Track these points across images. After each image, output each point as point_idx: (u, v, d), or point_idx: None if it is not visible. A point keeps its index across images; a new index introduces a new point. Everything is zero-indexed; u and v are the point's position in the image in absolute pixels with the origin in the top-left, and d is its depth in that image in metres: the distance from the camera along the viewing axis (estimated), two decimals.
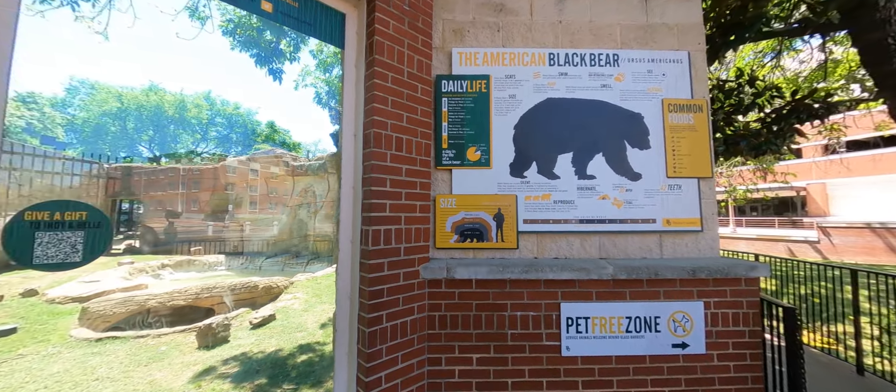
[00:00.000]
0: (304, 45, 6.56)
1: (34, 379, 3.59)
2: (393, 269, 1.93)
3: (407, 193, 2.04)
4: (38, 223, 1.22)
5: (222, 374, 3.69)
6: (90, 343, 4.59)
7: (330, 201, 14.78)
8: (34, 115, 26.57)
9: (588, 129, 2.36)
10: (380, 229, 1.88)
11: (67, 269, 1.29)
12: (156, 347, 4.46)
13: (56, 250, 1.26)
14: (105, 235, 1.38)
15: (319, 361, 3.96)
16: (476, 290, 2.10)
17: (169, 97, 38.46)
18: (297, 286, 7.93)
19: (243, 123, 42.23)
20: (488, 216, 2.26)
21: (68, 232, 1.27)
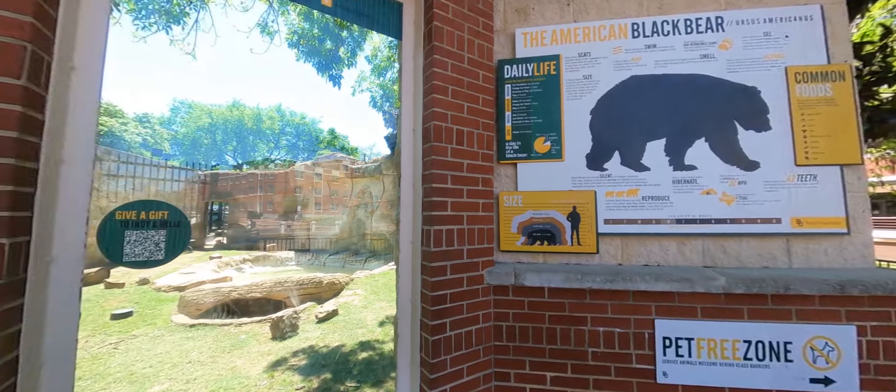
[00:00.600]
0: (361, 50, 6.78)
1: (143, 358, 4.16)
2: (456, 273, 1.77)
3: (469, 191, 1.86)
4: (127, 222, 1.29)
5: (292, 366, 3.89)
6: (186, 328, 5.23)
7: (385, 202, 15.31)
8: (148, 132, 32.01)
9: (685, 109, 1.96)
10: (441, 229, 1.73)
11: (152, 266, 1.35)
12: (237, 336, 4.91)
13: (142, 248, 1.32)
14: (184, 234, 1.43)
15: (379, 360, 3.99)
16: (549, 300, 1.85)
17: (248, 111, 43.56)
18: (356, 283, 8.27)
19: (308, 131, 46.15)
20: (561, 216, 1.99)
21: (152, 231, 1.33)
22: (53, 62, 1.11)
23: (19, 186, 0.98)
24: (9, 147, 0.95)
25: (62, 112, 1.15)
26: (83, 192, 1.18)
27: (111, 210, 1.26)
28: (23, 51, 0.98)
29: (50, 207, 1.11)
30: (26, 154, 1.01)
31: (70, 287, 1.14)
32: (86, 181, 1.19)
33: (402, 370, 1.81)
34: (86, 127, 1.21)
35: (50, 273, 1.12)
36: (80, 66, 1.22)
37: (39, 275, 1.08)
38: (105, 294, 7.27)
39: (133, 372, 3.81)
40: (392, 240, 14.53)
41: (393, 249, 14.80)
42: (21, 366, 1.01)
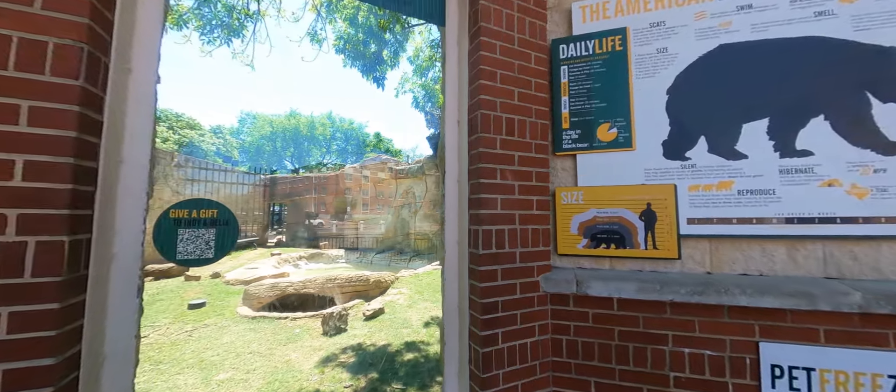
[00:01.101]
0: (403, 51, 6.84)
1: (212, 346, 4.54)
2: (508, 279, 1.58)
3: (520, 187, 1.66)
4: (179, 220, 1.31)
5: (342, 362, 3.96)
6: (248, 320, 5.65)
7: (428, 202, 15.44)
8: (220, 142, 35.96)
9: (795, 81, 1.57)
10: (491, 230, 1.56)
11: (202, 264, 1.36)
12: (292, 329, 5.17)
13: (193, 247, 1.34)
14: (232, 233, 1.43)
15: (424, 363, 3.91)
16: (618, 313, 1.58)
17: (303, 119, 47.01)
18: (401, 282, 8.37)
19: (356, 136, 48.55)
20: (632, 214, 1.71)
21: (202, 229, 1.34)
22: (110, 64, 1.14)
23: (79, 185, 1.00)
24: (68, 147, 0.97)
25: (120, 113, 1.19)
26: (141, 190, 1.21)
27: (165, 209, 1.29)
28: (80, 52, 1.00)
29: (110, 206, 1.15)
30: (86, 153, 1.03)
31: (129, 283, 1.17)
32: (143, 180, 1.22)
33: (449, 382, 1.66)
34: (143, 127, 1.24)
35: (111, 269, 1.16)
36: (137, 68, 1.25)
37: (101, 271, 1.12)
38: (184, 286, 8.16)
39: (203, 358, 4.16)
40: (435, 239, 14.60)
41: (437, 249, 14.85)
42: (83, 360, 1.05)
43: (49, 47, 0.96)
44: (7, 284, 0.89)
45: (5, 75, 0.92)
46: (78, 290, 1.01)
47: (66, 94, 0.96)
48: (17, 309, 0.90)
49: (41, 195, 0.93)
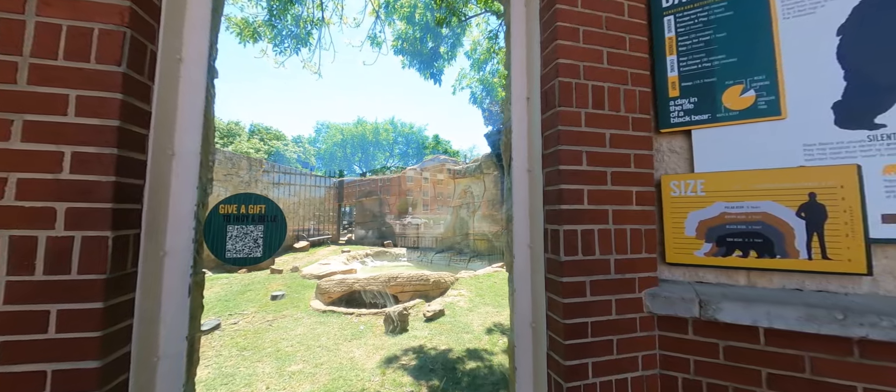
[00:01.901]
0: (460, 46, 6.64)
1: (287, 337, 4.86)
2: (600, 294, 1.22)
3: (614, 174, 1.28)
4: (228, 216, 1.24)
5: (403, 365, 3.88)
6: (319, 314, 5.98)
7: (486, 201, 15.07)
8: (300, 150, 40.32)
9: None
10: (575, 230, 1.21)
11: (251, 264, 1.28)
12: (357, 326, 5.31)
13: (242, 244, 1.26)
14: (280, 230, 1.33)
15: (488, 375, 3.62)
16: (768, 350, 1.12)
17: (369, 126, 50.26)
18: (461, 283, 8.18)
19: (416, 139, 50.30)
20: (784, 210, 1.21)
21: (251, 226, 1.25)
22: (158, 51, 1.10)
23: (124, 177, 0.95)
24: (111, 136, 0.93)
25: (170, 104, 1.15)
26: (192, 185, 1.15)
27: (215, 204, 1.23)
28: (122, 37, 0.96)
29: (161, 200, 1.11)
30: (132, 145, 0.99)
31: (181, 282, 1.12)
32: (194, 174, 1.16)
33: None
34: (194, 120, 1.19)
35: (164, 267, 1.12)
36: (188, 59, 1.21)
37: (152, 269, 1.07)
38: (269, 278, 9.08)
39: (279, 348, 4.45)
40: (495, 240, 14.16)
41: (496, 250, 14.41)
42: (134, 362, 1.01)
43: (94, 34, 0.93)
44: (57, 281, 0.86)
45: (55, 65, 0.90)
46: (124, 289, 0.96)
47: (106, 81, 0.91)
48: (65, 307, 0.86)
49: (87, 188, 0.89)
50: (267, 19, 4.39)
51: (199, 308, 1.28)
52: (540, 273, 1.32)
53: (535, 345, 1.35)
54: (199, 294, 1.26)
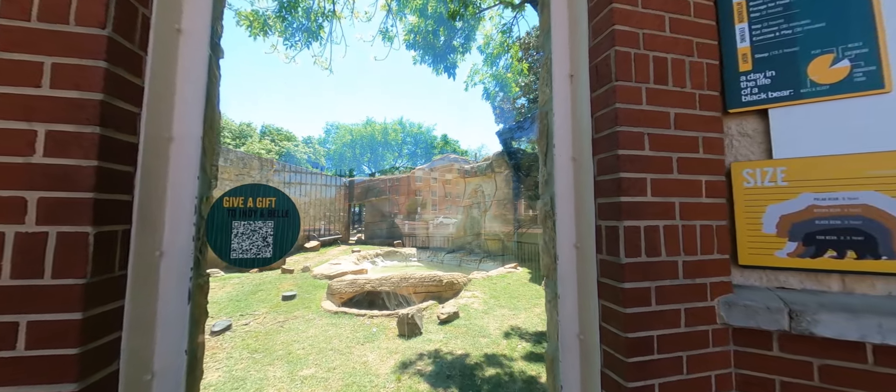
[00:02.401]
0: (473, 40, 6.46)
1: (299, 339, 4.76)
2: (666, 302, 1.03)
3: (681, 161, 1.09)
4: (234, 210, 1.08)
5: (418, 370, 3.72)
6: (330, 315, 5.87)
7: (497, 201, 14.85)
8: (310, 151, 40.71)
9: None
10: (638, 227, 1.03)
11: (260, 265, 1.12)
12: (369, 328, 5.17)
13: (249, 243, 1.11)
14: (293, 226, 1.17)
15: (509, 382, 3.44)
16: (879, 370, 0.91)
17: (378, 127, 50.44)
18: (474, 284, 7.99)
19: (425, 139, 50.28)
20: (891, 202, 1.00)
21: (259, 222, 1.10)
22: (152, 17, 0.95)
23: (109, 162, 0.81)
24: (92, 113, 0.78)
25: (168, 80, 1.00)
26: (192, 174, 1.00)
27: (219, 196, 1.08)
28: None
29: (156, 191, 0.96)
30: (119, 124, 0.84)
31: (180, 285, 0.97)
32: (195, 162, 1.01)
33: None
34: (195, 100, 1.05)
35: (160, 269, 0.98)
36: (189, 30, 1.06)
37: (145, 271, 0.93)
38: (281, 278, 9.04)
39: (290, 351, 4.34)
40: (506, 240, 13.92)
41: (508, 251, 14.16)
42: (123, 381, 0.86)
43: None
44: (26, 286, 0.72)
45: (28, 27, 0.75)
46: (110, 296, 0.81)
47: (89, 45, 0.77)
48: (36, 318, 0.72)
49: (63, 174, 0.74)
50: (277, 12, 4.30)
51: (202, 315, 1.14)
52: (591, 277, 1.14)
53: (584, 360, 1.17)
54: (202, 299, 1.12)
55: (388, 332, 5.03)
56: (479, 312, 5.86)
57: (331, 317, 5.81)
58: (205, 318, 1.16)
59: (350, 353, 4.25)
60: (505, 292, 7.27)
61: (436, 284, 7.51)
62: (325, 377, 3.63)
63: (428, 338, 4.72)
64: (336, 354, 4.23)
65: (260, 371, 3.80)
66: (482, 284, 7.96)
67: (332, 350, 4.36)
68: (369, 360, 4.03)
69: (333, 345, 4.53)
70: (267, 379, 3.62)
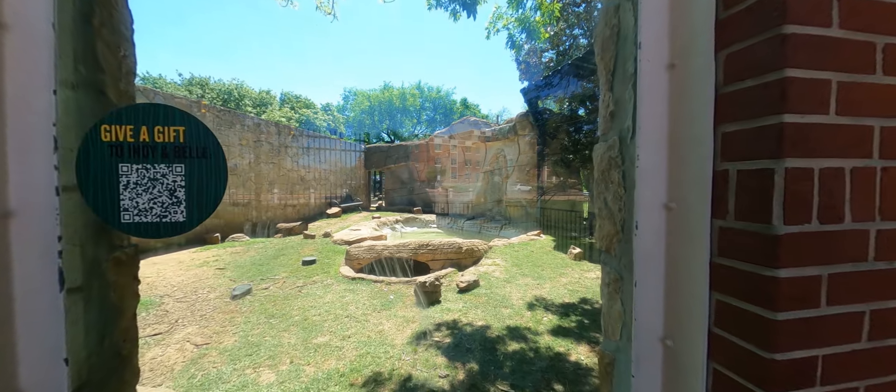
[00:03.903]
0: None
1: (316, 305, 4.68)
2: (842, 300, 0.59)
3: (889, 50, 0.60)
4: (120, 146, 0.71)
5: (436, 342, 3.51)
6: (348, 281, 5.79)
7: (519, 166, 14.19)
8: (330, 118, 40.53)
9: None
10: (809, 169, 0.57)
11: (169, 234, 0.76)
12: (386, 295, 5.03)
13: (149, 199, 0.73)
14: (216, 174, 0.78)
15: (535, 360, 3.15)
16: None
17: (395, 92, 49.35)
18: (495, 252, 7.70)
19: (444, 104, 48.88)
20: None
21: (162, 165, 0.72)
22: None
23: None
24: None
25: None
26: (45, 85, 0.64)
27: (94, 124, 0.70)
28: None
29: None
30: None
31: (46, 262, 0.64)
32: (47, 62, 0.64)
33: None
34: None
35: (10, 238, 0.64)
36: None
37: None
38: (303, 243, 9.12)
39: (307, 317, 4.25)
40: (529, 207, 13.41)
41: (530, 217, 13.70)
42: None
43: None
44: None
45: None
46: None
47: None
48: None
49: None
50: None
51: (127, 298, 0.82)
52: (696, 255, 0.71)
53: (671, 377, 0.77)
54: (122, 277, 0.79)
55: (405, 299, 4.86)
56: (500, 281, 5.58)
57: (348, 283, 5.73)
58: (133, 301, 0.84)
59: (366, 321, 4.11)
60: (528, 260, 6.94)
61: (455, 251, 7.27)
62: (339, 346, 3.49)
63: (447, 307, 4.50)
64: (352, 321, 4.10)
65: (275, 337, 3.72)
66: (503, 252, 7.66)
67: (347, 317, 4.24)
68: (385, 329, 3.87)
69: (350, 311, 4.41)
70: (281, 345, 3.53)
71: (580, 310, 4.38)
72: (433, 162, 20.88)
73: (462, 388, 2.75)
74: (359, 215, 15.40)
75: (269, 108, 28.32)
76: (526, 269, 6.26)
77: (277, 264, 6.95)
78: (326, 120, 37.42)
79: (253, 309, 4.58)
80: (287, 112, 29.68)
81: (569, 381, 2.84)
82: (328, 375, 2.96)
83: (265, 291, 5.28)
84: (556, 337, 3.59)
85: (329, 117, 40.59)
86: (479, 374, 2.90)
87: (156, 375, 3.09)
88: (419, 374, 2.92)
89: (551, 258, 7.19)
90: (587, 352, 3.31)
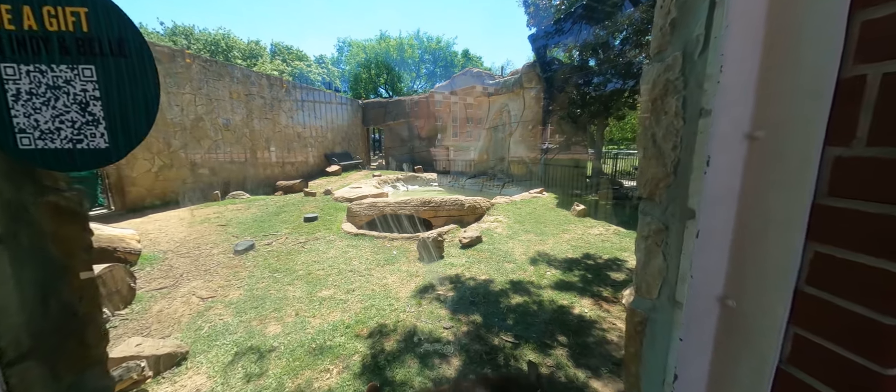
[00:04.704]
0: None
1: (319, 260, 4.69)
2: None
3: None
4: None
5: (439, 295, 3.52)
6: (350, 237, 5.78)
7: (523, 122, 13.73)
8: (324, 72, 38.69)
9: None
10: None
11: (92, 165, 0.59)
12: (390, 250, 5.03)
13: (54, 116, 0.54)
14: (145, 79, 0.58)
15: (538, 312, 3.17)
16: None
17: (392, 42, 46.61)
18: (497, 209, 7.65)
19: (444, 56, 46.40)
20: None
21: (64, 66, 0.53)
22: None
23: None
24: None
25: None
26: None
27: None
28: None
29: None
30: None
31: None
32: None
33: None
34: None
35: None
36: None
37: None
38: (304, 200, 9.06)
39: (310, 271, 4.27)
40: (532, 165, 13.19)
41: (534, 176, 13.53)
42: None
43: None
44: None
45: None
46: None
47: None
48: None
49: None
50: None
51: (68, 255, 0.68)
52: (793, 198, 0.56)
53: (732, 340, 0.66)
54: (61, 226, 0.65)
55: (408, 255, 4.86)
56: (502, 237, 5.57)
57: (351, 239, 5.72)
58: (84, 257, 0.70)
59: (370, 275, 4.13)
60: (530, 217, 6.90)
61: (457, 208, 7.21)
62: (343, 299, 3.51)
63: (450, 262, 4.51)
64: (356, 276, 4.11)
65: (280, 291, 3.74)
66: (506, 209, 7.60)
67: (351, 271, 4.25)
68: (389, 283, 3.88)
69: (353, 266, 4.42)
70: (286, 299, 3.56)
71: (583, 265, 4.39)
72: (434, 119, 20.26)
73: (466, 338, 2.78)
74: (359, 173, 15.22)
75: (260, 61, 26.92)
76: (528, 226, 6.23)
77: (279, 221, 6.92)
78: (321, 73, 35.74)
79: (257, 264, 4.59)
80: (279, 64, 28.26)
81: (572, 332, 2.87)
82: (334, 327, 2.99)
83: (268, 247, 5.28)
84: (560, 291, 3.60)
85: (323, 71, 38.76)
86: (483, 326, 2.92)
87: (163, 327, 3.12)
88: (424, 326, 2.94)
89: (554, 215, 7.15)
90: (591, 305, 3.32)
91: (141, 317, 3.27)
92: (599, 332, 2.87)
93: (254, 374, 2.46)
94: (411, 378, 2.34)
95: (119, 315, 3.28)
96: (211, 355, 2.68)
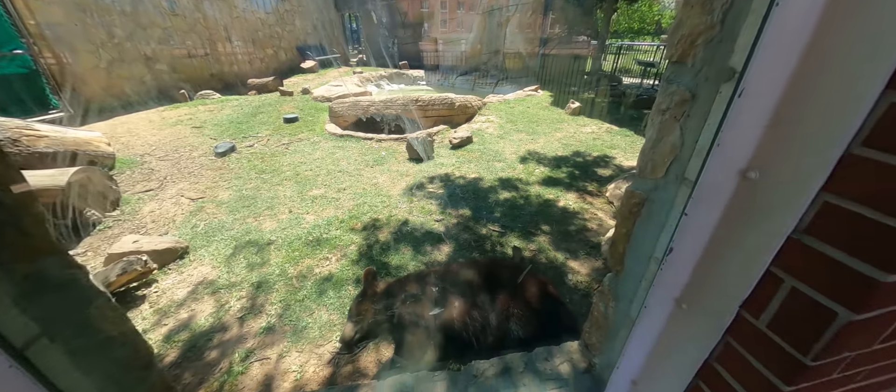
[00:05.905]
0: None
1: (306, 161, 4.58)
2: None
3: None
4: None
5: (430, 192, 3.58)
6: (336, 138, 5.56)
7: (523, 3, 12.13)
8: None
9: None
10: None
11: None
12: (378, 151, 4.91)
13: None
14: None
15: (524, 205, 3.28)
16: None
17: None
18: (489, 108, 7.33)
19: None
20: None
21: None
22: None
23: None
24: None
25: None
26: None
27: None
28: None
29: None
30: None
31: None
32: None
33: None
34: None
35: None
36: None
37: None
38: (280, 100, 8.43)
39: (299, 172, 4.20)
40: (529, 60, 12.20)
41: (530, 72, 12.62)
42: None
43: None
44: None
45: None
46: None
47: None
48: None
49: None
50: None
51: None
52: None
53: (739, 213, 0.62)
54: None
55: (397, 155, 4.78)
56: (493, 137, 5.46)
57: (336, 140, 5.52)
58: None
59: (360, 175, 4.10)
60: (523, 117, 6.68)
61: (447, 108, 6.86)
62: (335, 197, 3.54)
63: (440, 162, 4.47)
64: (345, 176, 4.08)
65: (270, 191, 3.73)
66: (498, 108, 7.30)
67: (340, 172, 4.21)
68: (379, 182, 3.89)
69: (342, 166, 4.36)
70: (277, 198, 3.56)
71: (572, 162, 4.43)
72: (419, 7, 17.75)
73: (456, 229, 2.92)
74: (337, 71, 13.95)
75: None
76: (520, 125, 6.08)
77: (257, 122, 6.53)
78: None
79: (241, 166, 4.47)
80: None
81: (555, 222, 3.03)
82: (328, 222, 3.08)
83: (250, 149, 5.09)
84: (546, 186, 3.70)
85: None
86: (471, 219, 3.05)
87: (159, 226, 3.15)
88: (415, 219, 3.05)
89: (548, 113, 6.93)
90: (575, 198, 3.45)
91: (133, 217, 3.27)
92: (580, 221, 3.04)
93: (256, 263, 2.59)
94: (405, 263, 2.52)
95: (110, 216, 3.27)
96: (211, 249, 2.77)
